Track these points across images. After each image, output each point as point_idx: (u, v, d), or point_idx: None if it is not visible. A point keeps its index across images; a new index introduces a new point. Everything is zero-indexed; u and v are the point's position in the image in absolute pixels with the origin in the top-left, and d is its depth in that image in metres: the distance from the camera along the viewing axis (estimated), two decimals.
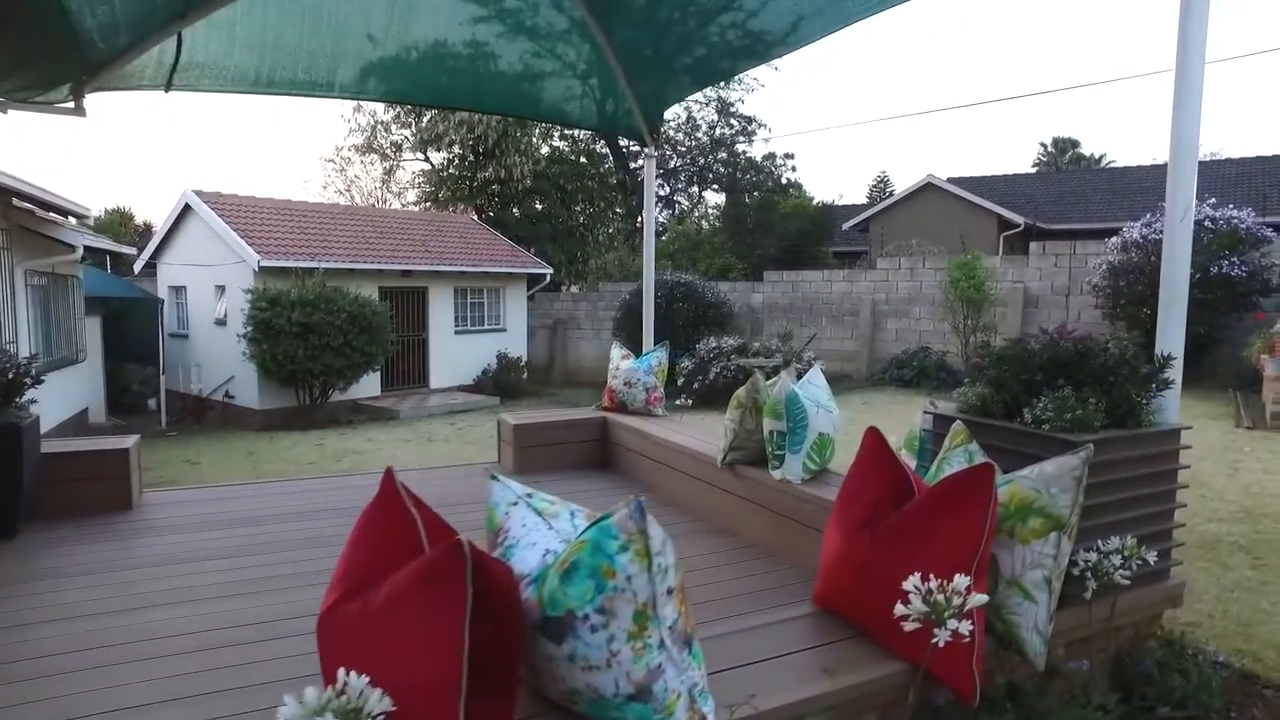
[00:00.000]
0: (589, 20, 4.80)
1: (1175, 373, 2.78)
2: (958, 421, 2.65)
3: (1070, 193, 23.59)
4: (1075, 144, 40.85)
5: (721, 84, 27.35)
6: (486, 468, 6.07)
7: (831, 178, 73.36)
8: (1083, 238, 15.12)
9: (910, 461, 3.28)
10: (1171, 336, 2.77)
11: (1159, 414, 2.72)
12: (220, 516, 4.60)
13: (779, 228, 20.62)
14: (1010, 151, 72.26)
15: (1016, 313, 14.46)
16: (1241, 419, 8.90)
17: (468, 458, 9.14)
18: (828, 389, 4.48)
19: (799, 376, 4.79)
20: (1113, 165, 33.15)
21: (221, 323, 15.73)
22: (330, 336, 13.85)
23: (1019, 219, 20.03)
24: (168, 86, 4.63)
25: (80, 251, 10.68)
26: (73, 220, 10.95)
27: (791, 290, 17.71)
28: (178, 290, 17.22)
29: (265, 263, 14.30)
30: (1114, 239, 12.74)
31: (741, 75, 27.38)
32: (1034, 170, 33.95)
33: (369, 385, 16.23)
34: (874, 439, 2.36)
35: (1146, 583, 2.60)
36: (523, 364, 19.27)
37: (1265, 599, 3.68)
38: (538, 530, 1.89)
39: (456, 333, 18.34)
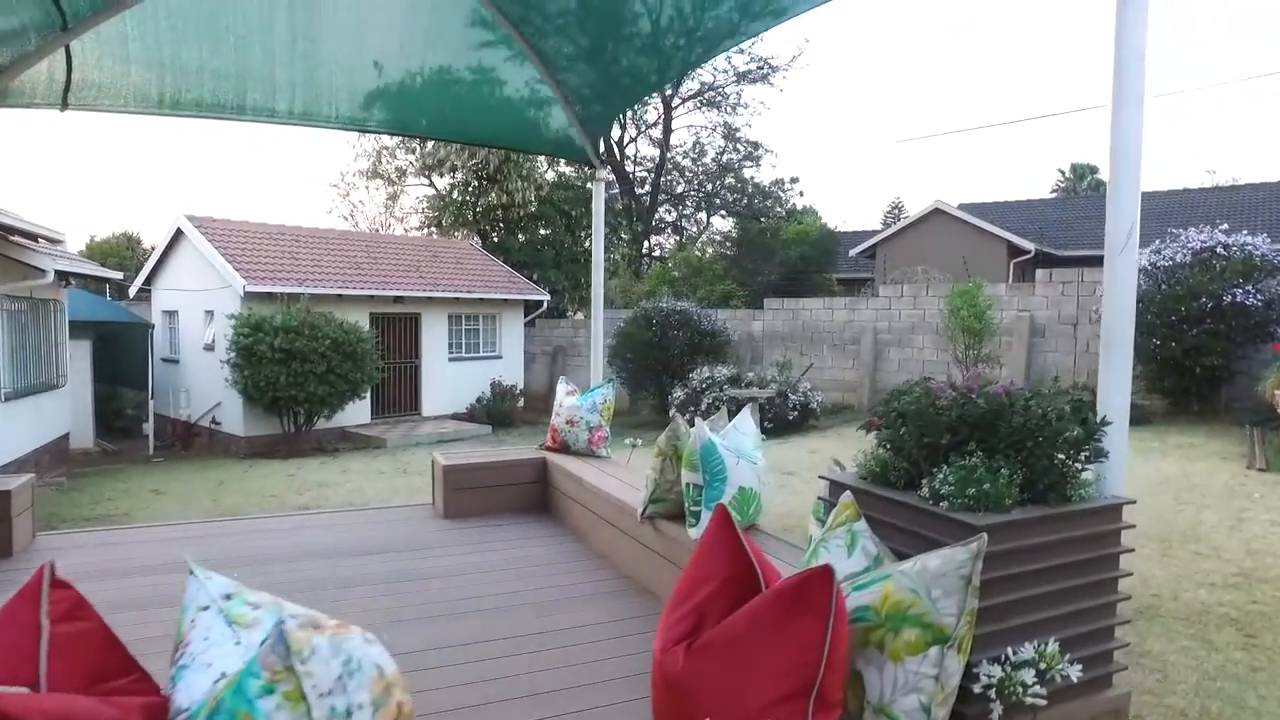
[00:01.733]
0: (514, 35, 4.46)
1: (1119, 436, 2.32)
2: (846, 493, 2.20)
3: (1084, 218, 22.97)
4: (1094, 170, 40.17)
5: (728, 109, 27.16)
6: (425, 509, 5.68)
7: (845, 203, 72.94)
8: (1096, 264, 14.55)
9: (816, 532, 2.82)
10: (1114, 390, 2.32)
11: (1096, 485, 2.26)
12: (115, 564, 4.23)
13: (781, 254, 20.18)
14: (1028, 177, 71.47)
15: (1022, 343, 13.89)
16: (1255, 459, 8.28)
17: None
18: (756, 436, 4.05)
19: (735, 415, 4.37)
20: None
21: (210, 348, 15.54)
22: (313, 363, 13.57)
23: (1029, 245, 19.45)
24: (63, 105, 4.34)
25: (51, 276, 10.49)
26: (45, 244, 10.79)
27: (792, 318, 17.25)
28: (170, 315, 17.10)
29: (251, 287, 14.10)
30: None
31: (747, 100, 27.21)
32: (1052, 196, 33.31)
33: (358, 412, 15.92)
34: (719, 519, 1.92)
35: (1076, 697, 2.11)
36: (518, 392, 18.91)
37: (1254, 690, 3.16)
38: (221, 646, 1.46)
39: (450, 360, 18.04)
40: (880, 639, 1.73)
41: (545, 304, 19.81)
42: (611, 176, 26.35)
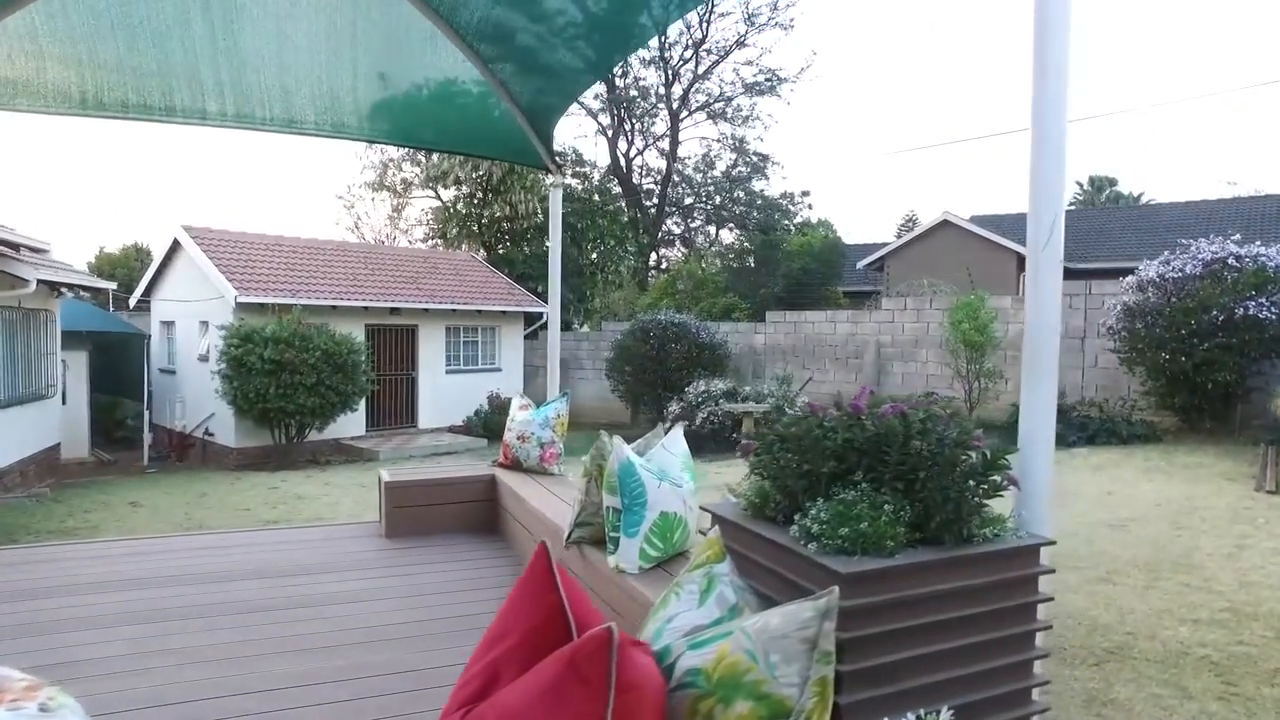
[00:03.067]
0: (442, 28, 4.22)
1: (1042, 465, 2.01)
2: (714, 528, 1.91)
3: (1098, 230, 22.46)
4: (1113, 182, 39.55)
5: (736, 120, 26.95)
6: (372, 527, 5.44)
7: (860, 216, 72.43)
8: (1110, 277, 14.12)
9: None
10: (1037, 410, 2.01)
11: (1014, 522, 1.95)
12: (48, 584, 4.01)
13: (784, 266, 19.86)
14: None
15: None
16: (1265, 481, 7.84)
17: None
18: (686, 456, 3.74)
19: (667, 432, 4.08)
20: (1151, 202, 31.86)
21: (204, 359, 15.45)
22: (303, 375, 13.43)
23: None
24: None
25: (33, 285, 10.42)
26: (28, 254, 10.73)
27: (794, 331, 16.92)
28: (168, 326, 17.08)
29: (242, 298, 14.01)
30: (1129, 278, 11.77)
31: (756, 112, 26.99)
32: (1070, 208, 32.73)
33: (353, 424, 15.77)
34: (536, 555, 1.64)
35: None
36: None
37: None
38: None
39: (448, 372, 17.86)
40: (709, 711, 1.43)
41: (545, 316, 19.57)
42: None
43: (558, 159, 5.45)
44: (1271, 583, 4.60)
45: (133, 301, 17.84)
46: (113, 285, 15.49)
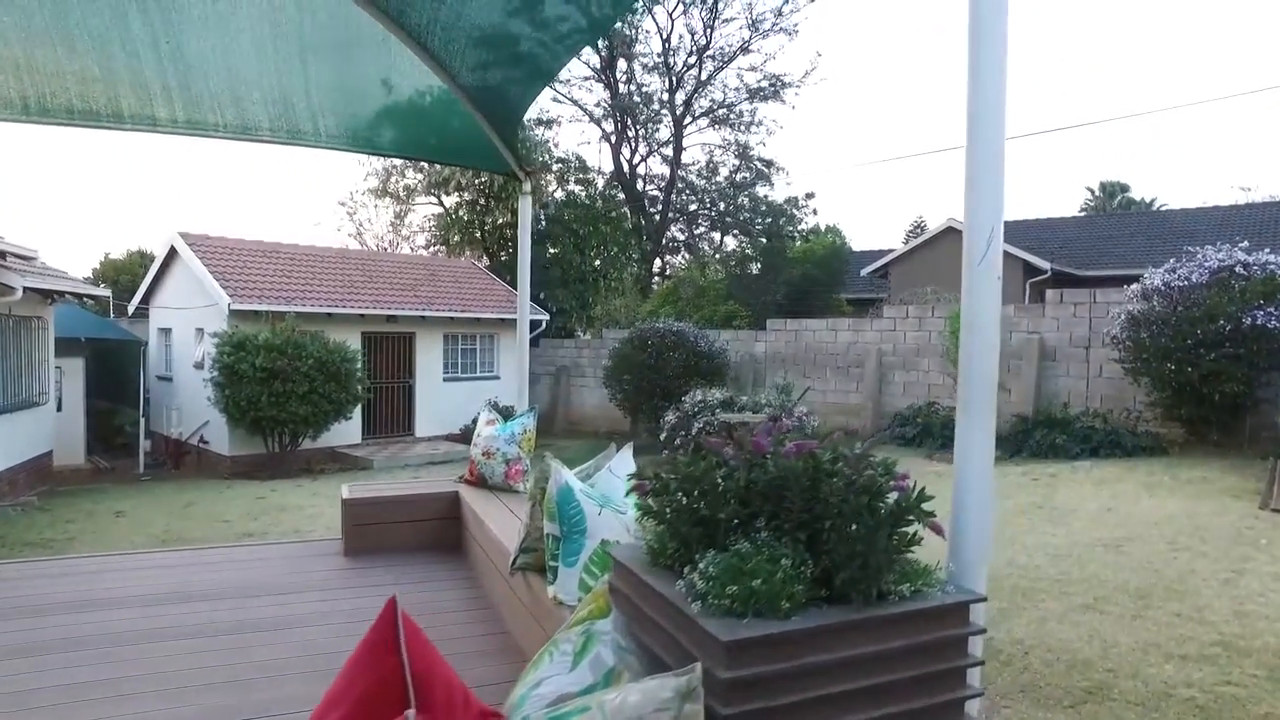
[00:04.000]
0: (390, 27, 4.05)
1: (979, 508, 1.80)
2: (602, 578, 1.72)
3: (1108, 237, 22.12)
4: (1125, 188, 39.08)
5: (740, 126, 26.78)
6: (333, 544, 5.27)
7: (868, 221, 72.06)
8: (1117, 285, 13.82)
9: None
10: (974, 444, 1.80)
11: (940, 575, 1.74)
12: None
13: (785, 273, 19.64)
14: (1056, 197, 69.93)
15: (1032, 367, 13.18)
16: (1271, 498, 7.55)
17: None
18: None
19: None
20: (1163, 208, 31.43)
21: (199, 366, 15.39)
22: (295, 383, 13.31)
23: (1045, 265, 18.67)
24: None
25: (19, 293, 10.35)
26: (16, 261, 10.67)
27: (795, 339, 16.68)
28: (165, 333, 17.04)
29: (236, 305, 13.93)
30: (1134, 286, 11.48)
31: (760, 117, 26.78)
32: (1080, 215, 32.34)
33: (348, 432, 15.66)
34: (384, 610, 1.45)
35: None
36: (515, 411, 18.51)
37: None
38: None
39: (445, 380, 17.74)
40: None
41: (544, 324, 19.47)
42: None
43: (527, 165, 5.28)
44: (1268, 613, 4.35)
45: (131, 308, 17.82)
46: (107, 292, 15.47)
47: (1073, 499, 8.11)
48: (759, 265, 21.52)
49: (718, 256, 25.86)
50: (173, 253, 15.96)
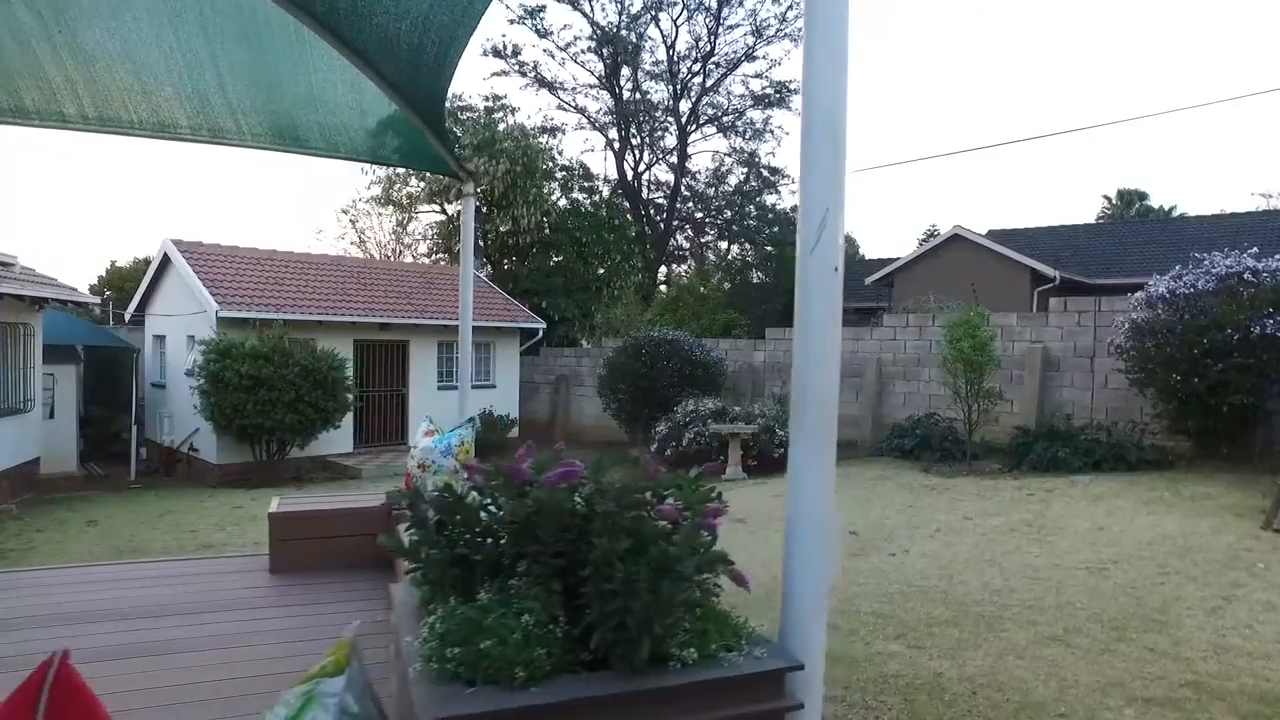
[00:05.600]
0: (313, 26, 3.82)
1: (814, 555, 1.50)
2: (351, 625, 1.44)
3: (1121, 245, 21.58)
4: (1143, 196, 38.35)
5: (747, 134, 26.51)
6: (263, 560, 5.02)
7: (881, 229, 71.44)
8: (1118, 293, 13.38)
9: None
10: (810, 475, 1.50)
11: (752, 635, 1.44)
12: None
13: (786, 281, 19.28)
14: (1070, 205, 68.85)
15: (1035, 376, 12.75)
16: (1275, 518, 7.11)
17: None
18: None
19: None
20: (1183, 215, 30.76)
21: (190, 373, 15.28)
22: (281, 391, 13.15)
23: (1053, 273, 18.18)
24: None
25: None
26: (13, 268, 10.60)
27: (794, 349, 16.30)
28: (160, 340, 16.98)
29: (223, 313, 13.81)
30: (1138, 294, 11.04)
31: (770, 126, 26.50)
32: (1095, 223, 31.74)
33: (339, 441, 15.49)
34: (36, 673, 1.17)
35: None
36: (511, 420, 18.30)
37: None
38: None
39: (440, 388, 17.53)
40: None
41: (539, 333, 19.25)
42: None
43: (468, 166, 5.03)
44: (1251, 648, 3.97)
45: (127, 315, 17.80)
46: (94, 298, 15.43)
47: (1065, 516, 7.71)
48: (760, 274, 21.19)
49: (719, 265, 25.52)
50: (166, 260, 15.91)
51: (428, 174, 24.13)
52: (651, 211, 27.97)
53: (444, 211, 25.05)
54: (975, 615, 4.63)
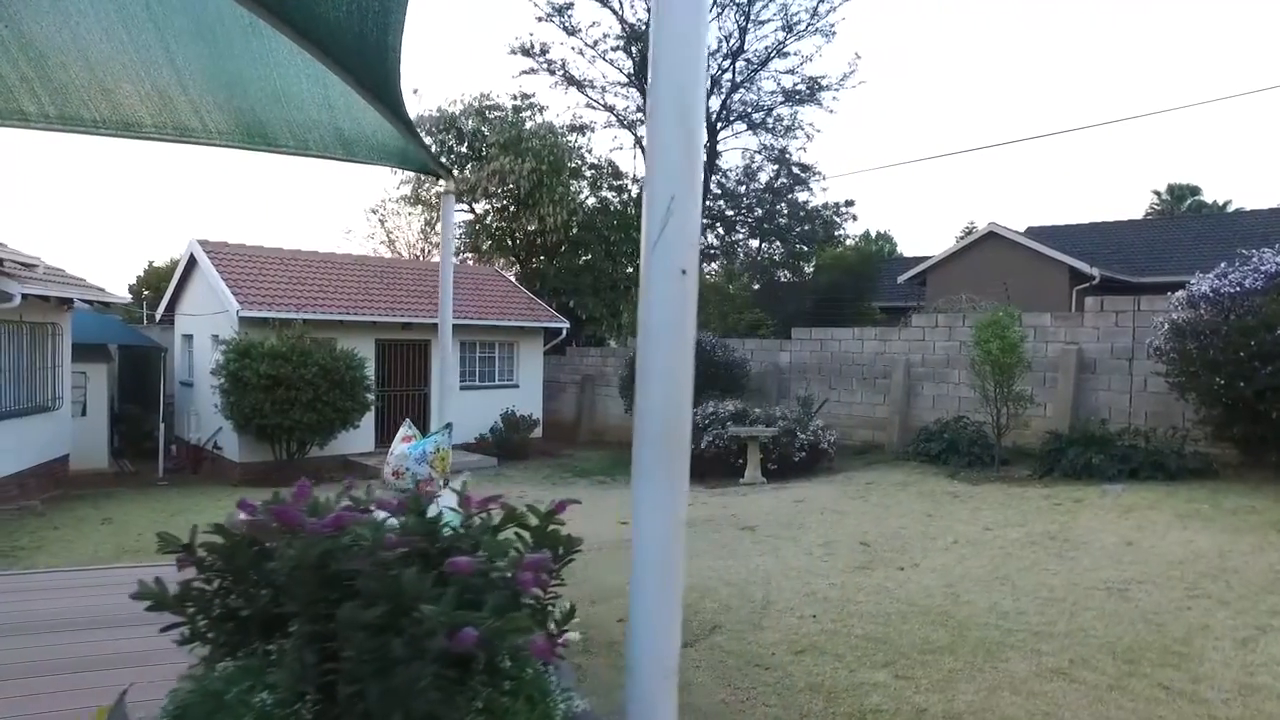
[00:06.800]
0: (266, 17, 3.65)
1: (662, 610, 1.24)
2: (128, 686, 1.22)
3: (1168, 241, 20.68)
4: (1195, 191, 36.92)
5: (777, 131, 26.06)
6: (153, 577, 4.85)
7: (919, 227, 70.05)
8: (1158, 291, 12.75)
9: None
10: (655, 507, 1.24)
11: (573, 711, 1.19)
12: None
13: (814, 280, 18.86)
14: (1117, 201, 66.58)
15: (1069, 379, 12.20)
16: None
17: None
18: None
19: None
20: (1239, 210, 29.47)
21: (215, 372, 15.46)
22: (299, 390, 13.19)
23: (1093, 271, 17.44)
24: None
25: (17, 299, 10.41)
26: (17, 268, 10.75)
27: (820, 349, 15.92)
28: (188, 339, 17.22)
29: (244, 312, 13.90)
30: (1179, 293, 10.47)
31: (800, 123, 26.02)
32: (1137, 219, 30.58)
33: (361, 440, 15.52)
34: None
35: None
36: (534, 421, 18.19)
37: None
38: None
39: (463, 388, 17.47)
40: None
41: (563, 332, 19.12)
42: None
43: (445, 163, 4.84)
44: None
45: (157, 315, 18.10)
46: (123, 298, 15.65)
47: (1091, 529, 7.27)
48: (786, 272, 20.76)
49: (746, 263, 25.12)
50: (193, 260, 16.11)
51: (455, 173, 24.18)
52: None
53: (472, 210, 25.06)
54: (975, 641, 4.30)
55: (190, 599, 1.18)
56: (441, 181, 5.26)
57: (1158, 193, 37.21)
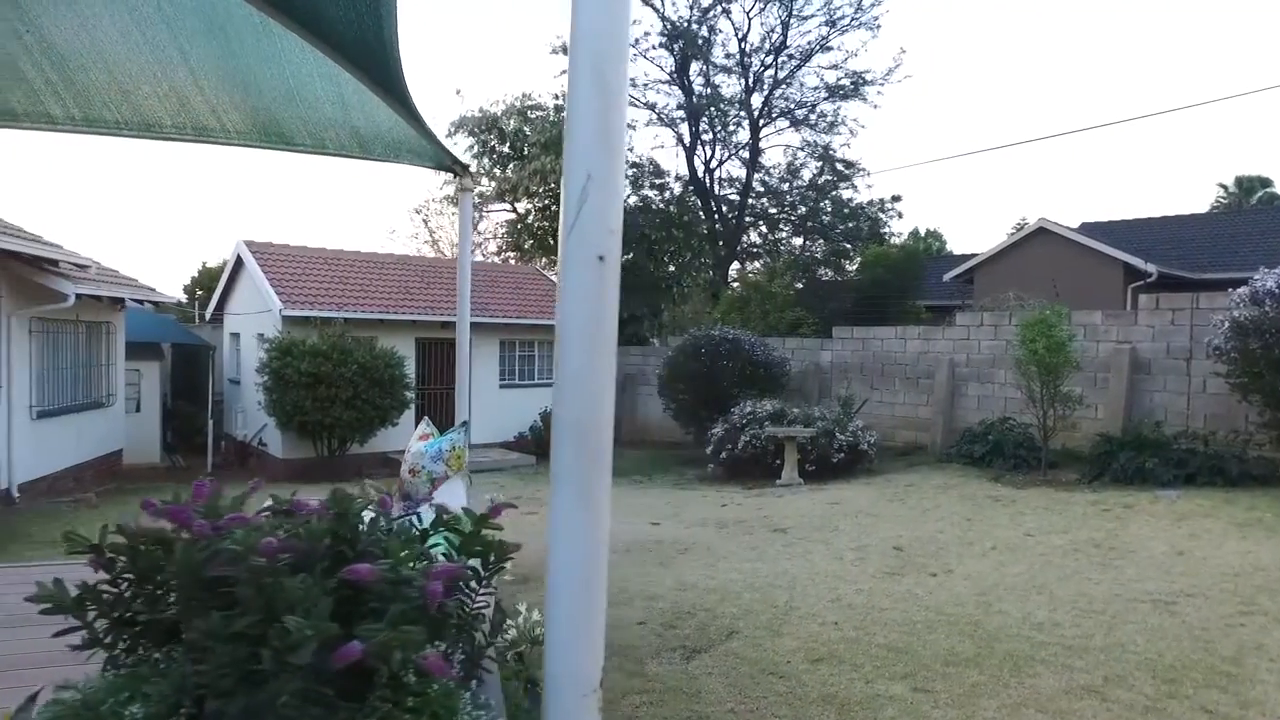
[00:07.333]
0: (274, 15, 3.65)
1: (584, 632, 1.14)
2: (39, 693, 1.17)
3: (1234, 235, 19.75)
4: (1266, 183, 35.24)
5: (820, 127, 25.66)
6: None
7: (968, 223, 68.35)
8: (1218, 288, 12.14)
9: None
10: (573, 502, 1.14)
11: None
12: None
13: (857, 278, 18.49)
14: (1182, 195, 63.94)
15: (1121, 379, 11.70)
16: None
17: None
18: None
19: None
20: None
21: (259, 370, 15.82)
22: (339, 389, 13.40)
23: (1150, 268, 16.72)
24: None
25: (71, 299, 10.76)
26: (71, 268, 11.12)
27: (862, 348, 15.60)
28: (235, 338, 17.66)
29: (287, 311, 14.18)
30: (1241, 289, 9.95)
31: (843, 116, 25.58)
32: (1204, 213, 29.35)
33: (401, 438, 15.63)
34: None
35: None
36: None
37: None
38: None
39: (501, 387, 17.60)
40: None
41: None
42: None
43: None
44: None
45: (208, 314, 18.61)
46: (173, 298, 16.11)
47: (1140, 537, 6.92)
48: (827, 270, 20.40)
49: (787, 261, 24.79)
50: (240, 261, 16.50)
51: (498, 172, 24.37)
52: (724, 208, 27.45)
53: (514, 210, 25.22)
54: (1003, 654, 4.09)
55: (91, 602, 1.12)
56: (460, 178, 5.24)
57: (1224, 185, 35.64)
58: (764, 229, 28.51)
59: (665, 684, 3.85)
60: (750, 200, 26.99)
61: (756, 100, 25.61)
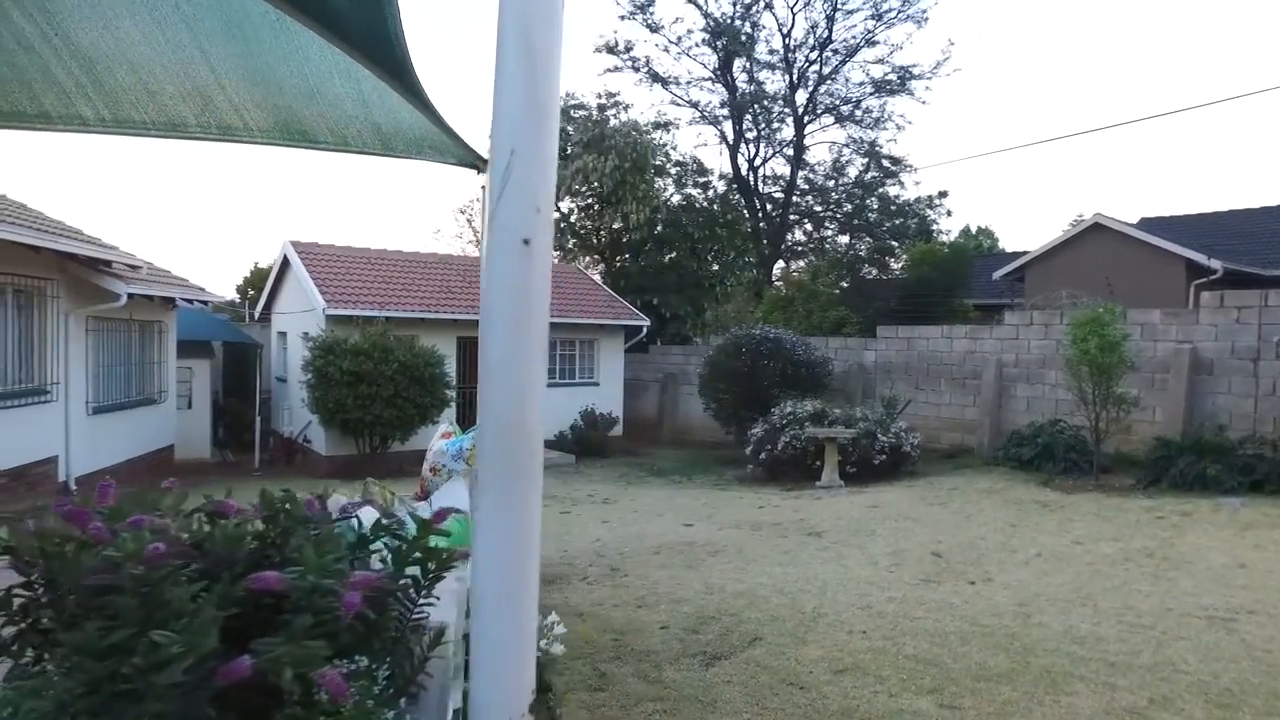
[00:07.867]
0: (289, 11, 3.64)
1: (514, 631, 1.04)
2: None
3: None
4: None
5: (866, 123, 25.18)
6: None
7: (1022, 219, 66.39)
8: None
9: None
10: (497, 503, 1.04)
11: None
12: None
13: (902, 276, 18.06)
14: (1256, 187, 61.00)
15: (1181, 381, 11.16)
16: None
17: None
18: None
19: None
20: None
21: (304, 368, 16.12)
22: (380, 386, 13.57)
23: (1214, 264, 15.94)
24: None
25: (124, 299, 11.09)
26: (124, 269, 11.47)
27: (907, 348, 15.22)
28: (282, 336, 18.05)
29: (331, 310, 14.42)
30: None
31: (890, 114, 25.06)
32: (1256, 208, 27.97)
33: None
34: None
35: None
36: (613, 419, 18.17)
37: None
38: None
39: (546, 386, 17.66)
40: None
41: (643, 330, 19.02)
42: (691, 192, 25.26)
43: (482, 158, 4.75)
44: None
45: (256, 313, 19.06)
46: (223, 297, 16.52)
47: (1198, 547, 6.56)
48: (872, 268, 19.99)
49: (832, 260, 24.39)
50: (286, 261, 16.85)
51: None
52: (768, 206, 27.15)
53: (557, 209, 25.30)
54: (1039, 669, 3.87)
55: (1, 608, 1.07)
56: (483, 174, 5.20)
57: None
58: (809, 227, 28.12)
59: (681, 692, 3.74)
60: (795, 198, 26.63)
61: (801, 97, 25.25)
